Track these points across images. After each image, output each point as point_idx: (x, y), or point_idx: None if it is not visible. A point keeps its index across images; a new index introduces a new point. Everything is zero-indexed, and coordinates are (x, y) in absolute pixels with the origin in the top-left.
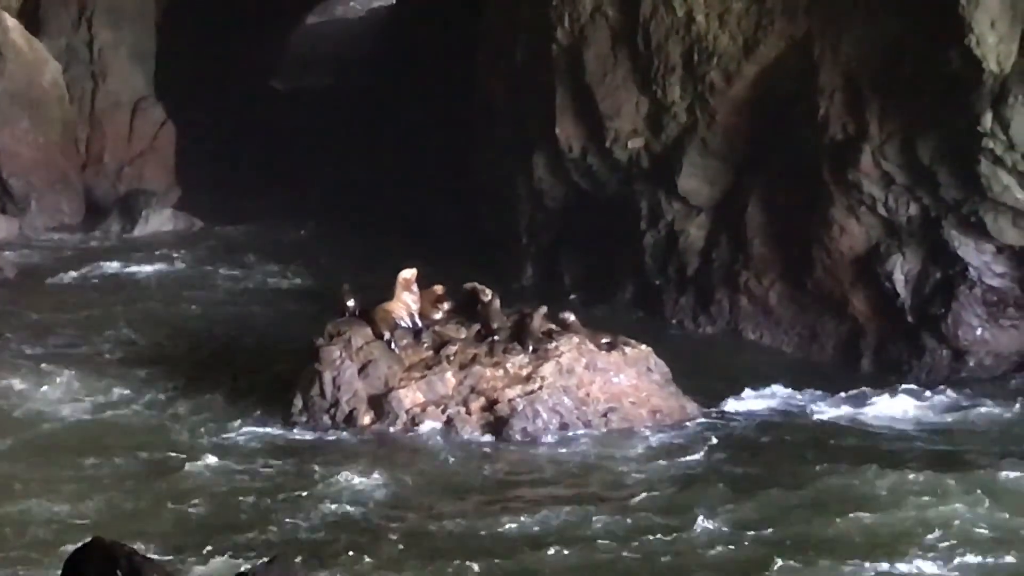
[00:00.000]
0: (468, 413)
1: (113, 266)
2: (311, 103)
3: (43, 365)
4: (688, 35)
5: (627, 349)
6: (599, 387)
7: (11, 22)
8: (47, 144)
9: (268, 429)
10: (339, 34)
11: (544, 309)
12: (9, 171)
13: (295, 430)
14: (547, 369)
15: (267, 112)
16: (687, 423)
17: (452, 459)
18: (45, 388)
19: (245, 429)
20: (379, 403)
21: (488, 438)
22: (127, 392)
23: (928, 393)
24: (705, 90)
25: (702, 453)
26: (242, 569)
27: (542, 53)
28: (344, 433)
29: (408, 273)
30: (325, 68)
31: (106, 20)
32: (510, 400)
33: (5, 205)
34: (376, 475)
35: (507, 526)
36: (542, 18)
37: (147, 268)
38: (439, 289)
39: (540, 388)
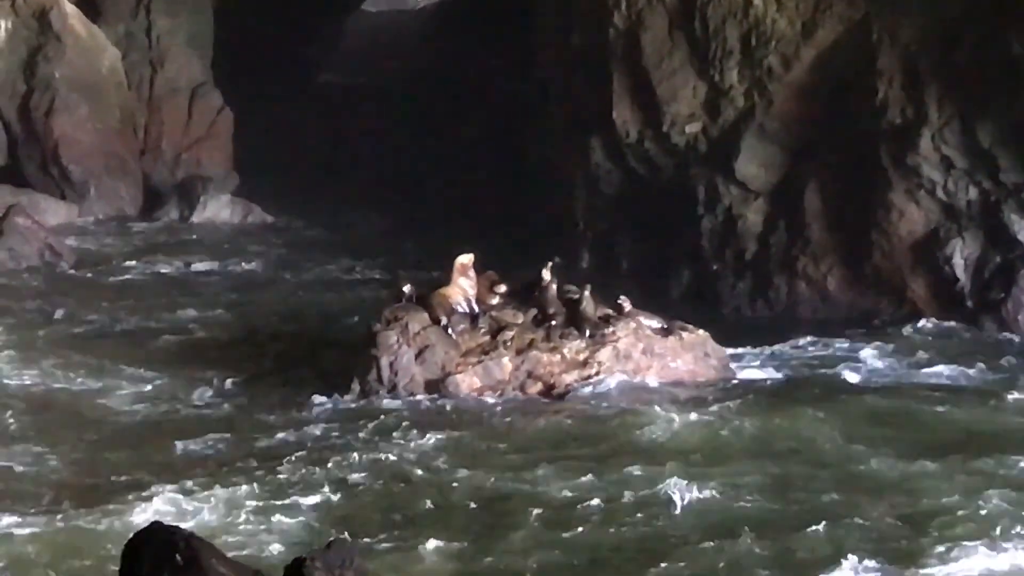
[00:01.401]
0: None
1: (172, 253)
2: (367, 91)
3: (106, 356)
4: (746, 19)
5: (684, 334)
6: (656, 372)
7: (70, 9)
8: (106, 130)
9: (328, 410)
10: (397, 23)
11: (588, 288)
12: (68, 158)
13: (359, 403)
14: (604, 354)
15: (324, 98)
16: (731, 388)
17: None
18: (110, 379)
19: (304, 413)
20: (436, 388)
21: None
22: (187, 380)
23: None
24: (763, 74)
25: (744, 422)
26: (300, 555)
27: (599, 38)
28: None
29: (465, 258)
30: (382, 57)
31: (164, 7)
32: (567, 385)
33: (64, 191)
34: (432, 440)
35: (551, 486)
36: (599, 3)
37: (205, 255)
38: (495, 274)
39: (597, 373)
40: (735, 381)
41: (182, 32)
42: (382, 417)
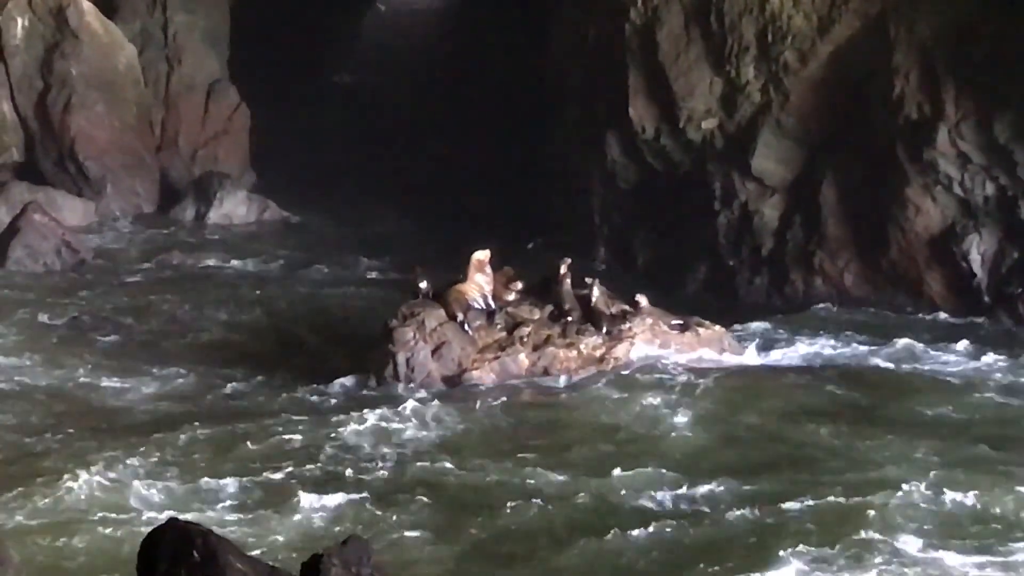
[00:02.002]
0: None
1: (189, 250)
2: (383, 88)
3: (123, 352)
4: (762, 15)
5: (701, 330)
6: (672, 368)
7: (87, 5)
8: (122, 127)
9: (345, 406)
10: (413, 21)
11: (596, 281)
12: (85, 154)
13: (375, 400)
14: (620, 350)
15: (340, 95)
16: (747, 385)
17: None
18: (127, 375)
19: (320, 410)
20: (452, 384)
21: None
22: (200, 377)
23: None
24: (779, 70)
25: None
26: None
27: (615, 34)
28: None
29: (481, 254)
30: (398, 54)
31: (180, 3)
32: (581, 380)
33: (81, 188)
34: (445, 436)
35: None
36: None
37: (222, 252)
38: (511, 270)
39: (613, 369)
40: (751, 377)
41: (198, 28)
42: (398, 413)
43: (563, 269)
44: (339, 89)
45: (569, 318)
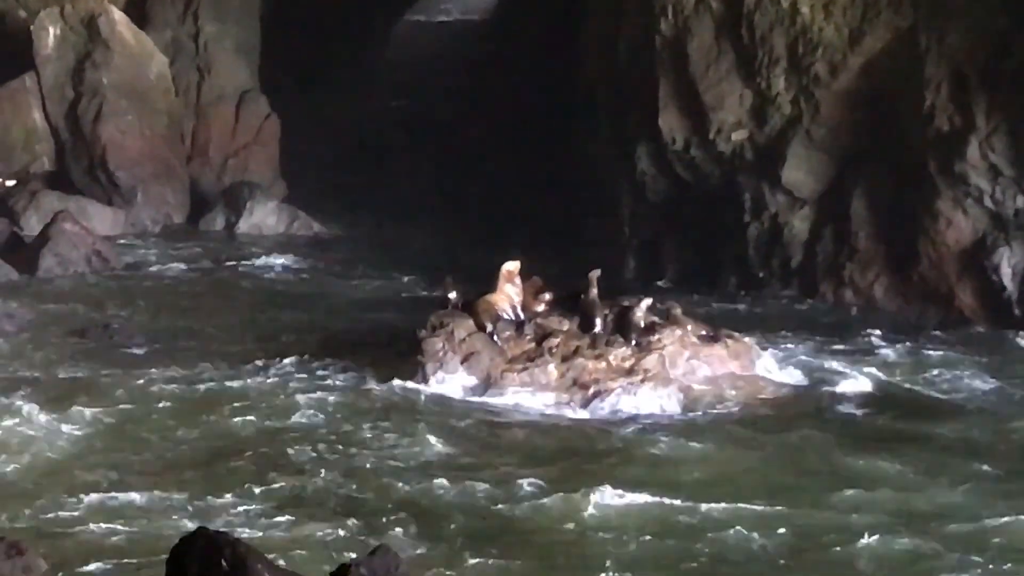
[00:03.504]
0: None
1: (219, 259)
2: (413, 99)
3: (150, 359)
4: (793, 26)
5: (730, 341)
6: (700, 380)
7: (118, 15)
8: (153, 136)
9: (374, 416)
10: (443, 32)
11: (648, 301)
12: (116, 164)
13: (404, 410)
14: (650, 362)
15: (370, 106)
16: (771, 399)
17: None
18: (152, 380)
19: (347, 421)
20: (481, 395)
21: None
22: (221, 389)
23: None
24: (810, 82)
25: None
26: (345, 560)
27: (645, 45)
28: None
29: (511, 265)
30: (428, 65)
31: (212, 13)
32: (608, 393)
33: (112, 197)
34: (471, 447)
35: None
36: (646, 10)
37: (253, 261)
38: (540, 281)
39: (643, 380)
40: (778, 390)
41: (229, 38)
42: (425, 424)
43: (592, 280)
44: (369, 101)
45: (596, 329)
